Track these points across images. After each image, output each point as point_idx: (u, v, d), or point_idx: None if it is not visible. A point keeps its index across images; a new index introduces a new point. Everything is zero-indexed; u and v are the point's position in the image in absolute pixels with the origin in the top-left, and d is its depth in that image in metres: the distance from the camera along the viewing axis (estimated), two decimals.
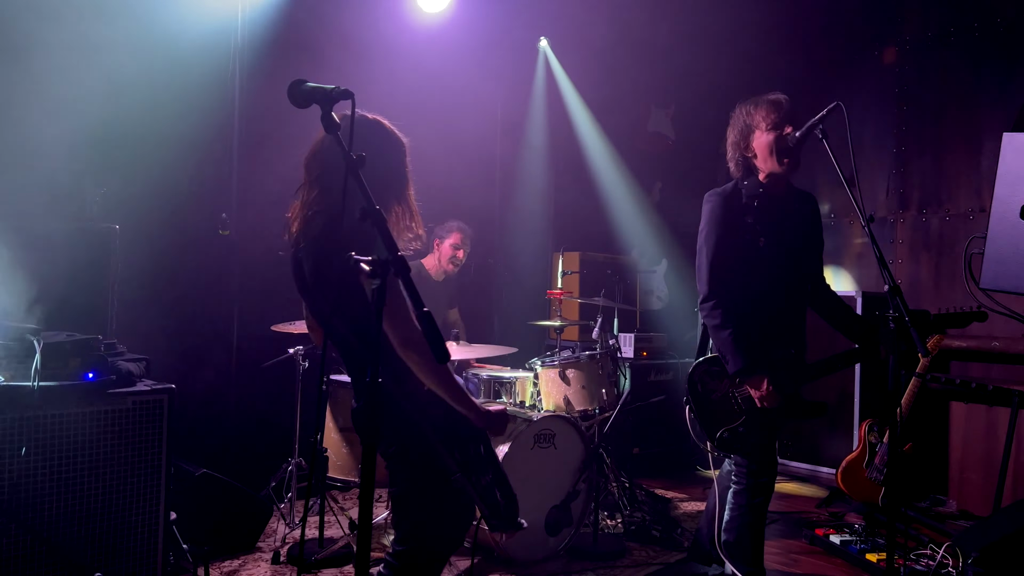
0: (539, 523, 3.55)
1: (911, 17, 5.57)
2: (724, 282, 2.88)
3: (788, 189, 3.00)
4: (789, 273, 2.93)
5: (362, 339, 2.02)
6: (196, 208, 4.20)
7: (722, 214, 2.90)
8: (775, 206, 2.92)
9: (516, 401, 4.07)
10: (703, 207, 2.98)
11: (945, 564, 3.49)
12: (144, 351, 3.04)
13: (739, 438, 2.90)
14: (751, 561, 3.02)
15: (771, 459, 3.03)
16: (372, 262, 1.61)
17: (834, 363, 2.91)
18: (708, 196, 2.97)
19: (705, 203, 2.98)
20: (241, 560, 3.47)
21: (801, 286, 3.01)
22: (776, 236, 2.89)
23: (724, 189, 2.96)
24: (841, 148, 2.53)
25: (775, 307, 2.90)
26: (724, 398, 2.93)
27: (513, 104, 5.92)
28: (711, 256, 2.89)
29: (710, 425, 2.93)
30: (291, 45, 4.59)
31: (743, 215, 2.89)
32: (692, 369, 2.99)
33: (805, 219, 3.02)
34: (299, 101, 1.73)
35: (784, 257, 2.90)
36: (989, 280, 2.98)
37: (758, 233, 2.88)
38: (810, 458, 5.47)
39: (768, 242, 2.88)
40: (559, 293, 4.58)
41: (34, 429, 2.42)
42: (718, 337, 2.86)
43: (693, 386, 2.96)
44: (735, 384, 2.90)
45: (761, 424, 2.90)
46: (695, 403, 2.96)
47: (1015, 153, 2.91)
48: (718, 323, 2.84)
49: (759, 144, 2.89)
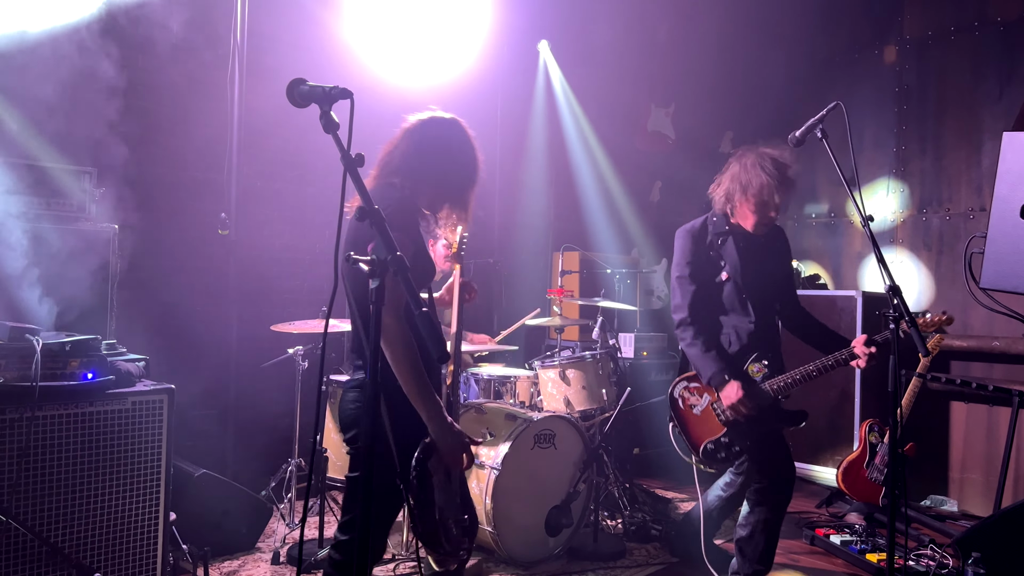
0: (539, 523, 3.55)
1: (911, 17, 5.57)
2: (696, 307, 3.07)
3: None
4: (755, 298, 3.08)
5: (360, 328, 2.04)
6: (196, 208, 4.20)
7: (691, 249, 3.11)
8: (740, 242, 3.09)
9: (516, 401, 4.07)
10: (676, 241, 3.20)
11: (946, 564, 3.49)
12: (144, 351, 3.04)
13: (723, 448, 3.03)
14: (760, 559, 3.06)
15: (781, 456, 3.09)
16: (371, 262, 1.61)
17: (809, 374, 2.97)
18: (678, 233, 3.21)
19: (676, 239, 3.20)
20: (241, 560, 3.47)
21: (769, 311, 3.16)
22: (740, 266, 3.07)
23: (692, 225, 3.18)
24: (841, 148, 2.53)
25: (745, 329, 3.06)
26: (706, 412, 3.06)
27: (513, 104, 5.92)
28: (683, 287, 3.10)
29: (695, 439, 3.07)
30: (291, 45, 4.60)
31: (708, 250, 3.10)
32: (672, 387, 3.15)
33: (772, 252, 3.17)
34: (298, 101, 1.73)
35: (749, 285, 3.07)
36: (989, 279, 2.97)
37: (720, 268, 3.09)
38: (811, 459, 5.47)
39: (732, 274, 3.07)
40: (560, 292, 4.58)
41: (34, 429, 2.42)
42: (691, 352, 3.05)
43: (675, 403, 3.13)
44: (715, 397, 3.02)
45: (745, 434, 3.01)
46: (679, 419, 3.11)
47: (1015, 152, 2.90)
48: (689, 339, 3.04)
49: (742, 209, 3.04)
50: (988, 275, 2.97)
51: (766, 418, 2.99)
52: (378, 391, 1.58)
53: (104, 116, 3.84)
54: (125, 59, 3.91)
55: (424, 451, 2.00)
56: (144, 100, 4.02)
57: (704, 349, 2.99)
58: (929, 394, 4.78)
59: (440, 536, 2.04)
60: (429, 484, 2.01)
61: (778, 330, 3.21)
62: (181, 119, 4.21)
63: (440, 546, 2.05)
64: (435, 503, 2.02)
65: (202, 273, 4.26)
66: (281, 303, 4.56)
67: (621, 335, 5.28)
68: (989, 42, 5.12)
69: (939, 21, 5.41)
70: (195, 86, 4.28)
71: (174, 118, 4.18)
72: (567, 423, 3.70)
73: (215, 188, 4.31)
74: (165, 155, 4.13)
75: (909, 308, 2.33)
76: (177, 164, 4.18)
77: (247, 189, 4.44)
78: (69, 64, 3.29)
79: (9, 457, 2.38)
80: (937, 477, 4.98)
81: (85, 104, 3.73)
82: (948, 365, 5.05)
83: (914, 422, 4.29)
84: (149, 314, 3.88)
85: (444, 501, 2.06)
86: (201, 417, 4.25)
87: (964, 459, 4.93)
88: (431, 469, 2.01)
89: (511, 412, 3.66)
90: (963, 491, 4.91)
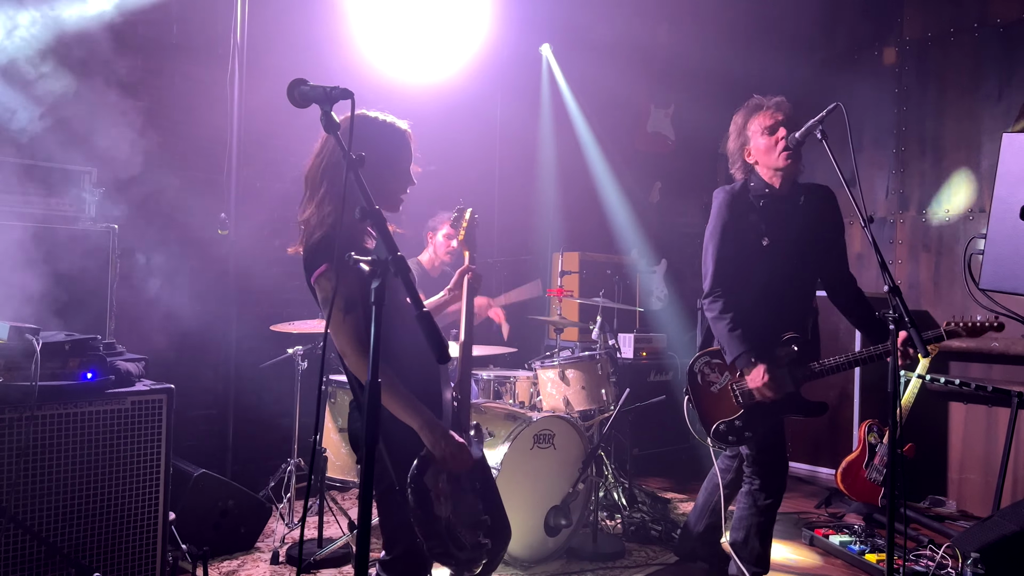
0: (538, 523, 3.55)
1: (911, 17, 5.57)
2: (727, 277, 2.91)
3: (795, 187, 2.98)
4: (793, 273, 2.93)
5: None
6: (196, 208, 4.20)
7: (728, 211, 2.93)
8: (781, 205, 2.93)
9: (515, 401, 4.06)
10: (712, 203, 3.01)
11: (945, 565, 3.49)
12: (143, 351, 3.04)
13: (735, 431, 2.92)
14: (757, 561, 3.03)
15: (779, 458, 3.04)
16: (372, 262, 1.60)
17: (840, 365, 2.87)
18: (716, 193, 3.00)
19: (714, 199, 3.01)
20: (240, 560, 3.47)
21: (806, 288, 3.02)
22: (780, 235, 2.91)
23: (733, 187, 2.98)
24: (841, 148, 2.53)
25: (777, 305, 2.91)
26: (724, 391, 2.95)
27: (513, 105, 5.92)
28: (716, 252, 2.92)
29: (708, 417, 2.96)
30: (291, 45, 4.60)
31: (748, 213, 2.91)
32: (693, 361, 3.02)
33: (816, 215, 2.98)
34: (298, 101, 1.73)
35: (787, 257, 2.91)
36: (989, 280, 2.97)
37: (762, 232, 2.90)
38: (810, 458, 5.47)
39: (772, 240, 2.90)
40: (559, 292, 4.58)
41: (33, 429, 2.42)
42: (717, 327, 2.90)
43: (693, 377, 3.00)
44: (736, 378, 2.92)
45: (759, 419, 2.91)
46: (695, 395, 2.99)
47: (1015, 153, 2.91)
48: (717, 313, 2.88)
49: (757, 150, 2.91)
50: (987, 276, 2.97)
51: (785, 406, 2.88)
52: (377, 391, 1.57)
53: (104, 116, 3.85)
54: (125, 59, 3.92)
55: (420, 466, 1.93)
56: (144, 100, 4.02)
57: (731, 326, 2.82)
58: (928, 395, 4.78)
59: (450, 547, 1.96)
60: (428, 500, 1.93)
61: (814, 308, 3.04)
62: (181, 119, 4.21)
63: (452, 558, 1.98)
64: (439, 517, 1.94)
65: (202, 273, 4.26)
66: (281, 303, 4.56)
67: (621, 335, 5.28)
68: (989, 43, 5.12)
69: (939, 22, 5.41)
70: (195, 86, 4.28)
71: (174, 118, 4.18)
72: (566, 423, 3.70)
73: (215, 188, 4.31)
74: (165, 155, 4.12)
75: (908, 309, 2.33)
76: (177, 164, 4.18)
77: (247, 189, 4.44)
78: (69, 64, 3.29)
79: (8, 457, 2.38)
80: (936, 477, 4.99)
81: (85, 103, 3.73)
82: (947, 366, 5.05)
83: (913, 423, 4.29)
84: (148, 314, 3.88)
85: (452, 510, 1.98)
86: (200, 417, 4.26)
87: (963, 459, 4.94)
88: (427, 483, 1.93)
89: (510, 412, 3.66)
90: (962, 491, 4.92)
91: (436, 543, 1.94)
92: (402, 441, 1.95)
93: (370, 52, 4.86)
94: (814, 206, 2.99)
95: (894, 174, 5.61)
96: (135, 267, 3.88)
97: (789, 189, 2.95)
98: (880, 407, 4.98)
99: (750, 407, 2.89)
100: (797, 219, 2.94)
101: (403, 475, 1.92)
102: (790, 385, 2.87)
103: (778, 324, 2.90)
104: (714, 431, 2.94)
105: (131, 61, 3.95)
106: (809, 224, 2.96)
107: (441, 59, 5.21)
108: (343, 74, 4.60)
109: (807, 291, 3.02)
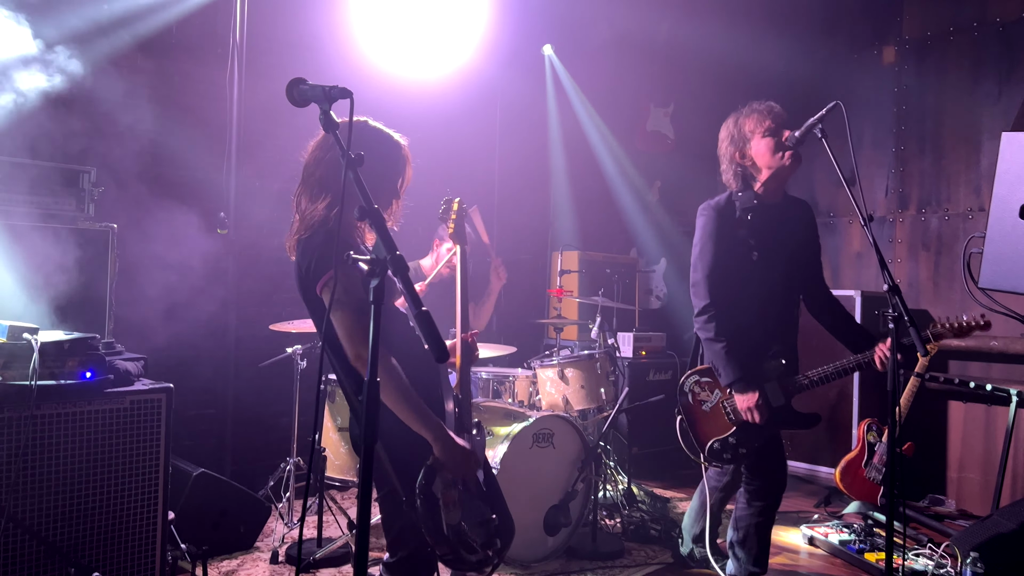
0: (538, 522, 3.55)
1: (911, 16, 5.57)
2: (719, 295, 2.87)
3: (784, 198, 2.97)
4: (782, 285, 2.92)
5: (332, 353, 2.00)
6: (196, 208, 4.20)
7: (716, 227, 2.89)
8: (769, 216, 2.90)
9: (515, 400, 4.06)
10: (697, 220, 2.97)
11: (944, 564, 3.49)
12: (142, 350, 3.04)
13: (729, 448, 2.92)
14: (755, 561, 3.03)
15: (776, 460, 3.04)
16: (371, 261, 1.60)
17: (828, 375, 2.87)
18: (701, 209, 2.95)
19: (699, 216, 2.96)
20: (240, 560, 3.47)
21: (793, 298, 3.01)
22: (770, 248, 2.88)
23: (718, 201, 2.93)
24: (841, 148, 2.52)
25: (768, 319, 2.90)
26: (716, 409, 2.94)
27: (513, 104, 5.92)
28: (707, 270, 2.88)
29: (702, 436, 2.95)
30: (290, 44, 4.59)
31: (736, 228, 2.88)
32: (683, 380, 3.01)
33: (800, 227, 2.99)
34: (297, 100, 1.73)
35: (777, 270, 2.89)
36: (988, 279, 2.98)
37: (751, 247, 2.87)
38: (809, 458, 5.47)
39: (761, 255, 2.87)
40: (559, 291, 4.58)
41: (32, 429, 2.41)
42: (712, 348, 2.87)
43: (684, 396, 2.99)
44: (726, 395, 2.91)
45: (753, 435, 2.91)
46: (687, 414, 2.98)
47: (1014, 152, 2.91)
48: (712, 335, 2.85)
49: (757, 150, 2.86)
50: (987, 275, 2.97)
51: (778, 420, 2.88)
52: (376, 390, 1.56)
53: (103, 115, 3.85)
54: (125, 58, 3.92)
55: (427, 475, 1.91)
56: (144, 99, 4.02)
57: (727, 349, 2.80)
58: (927, 394, 4.78)
59: (461, 553, 1.95)
60: (437, 508, 1.92)
61: (797, 320, 3.03)
62: (181, 119, 4.21)
63: (463, 562, 1.97)
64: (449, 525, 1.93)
65: (201, 273, 4.25)
66: (280, 303, 4.56)
67: (620, 335, 5.28)
68: (988, 42, 5.12)
69: (938, 21, 5.41)
70: (195, 86, 4.28)
71: (174, 118, 4.18)
72: (566, 422, 3.70)
73: (215, 188, 4.31)
74: (165, 155, 4.12)
75: (908, 307, 2.32)
76: (177, 164, 4.18)
77: (247, 189, 4.44)
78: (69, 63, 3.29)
79: (7, 456, 2.37)
80: (935, 477, 4.99)
81: (84, 103, 3.73)
82: (946, 365, 5.05)
83: (912, 422, 4.29)
84: (148, 313, 3.88)
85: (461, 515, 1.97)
86: (200, 416, 4.26)
87: (962, 458, 4.94)
88: (436, 492, 1.92)
89: (509, 411, 3.66)
90: (961, 490, 4.92)
91: (447, 550, 1.93)
92: (402, 444, 1.93)
93: (370, 52, 4.86)
94: (799, 218, 2.99)
95: (893, 173, 5.61)
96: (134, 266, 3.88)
97: (777, 197, 2.92)
98: (879, 406, 4.98)
99: (743, 423, 2.88)
100: (784, 229, 2.92)
101: (407, 482, 1.91)
102: (781, 398, 2.86)
103: (770, 338, 2.89)
104: (709, 450, 2.92)
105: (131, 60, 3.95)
106: (795, 236, 2.95)
107: (440, 59, 5.20)
108: (343, 74, 4.60)
109: (794, 302, 3.01)
